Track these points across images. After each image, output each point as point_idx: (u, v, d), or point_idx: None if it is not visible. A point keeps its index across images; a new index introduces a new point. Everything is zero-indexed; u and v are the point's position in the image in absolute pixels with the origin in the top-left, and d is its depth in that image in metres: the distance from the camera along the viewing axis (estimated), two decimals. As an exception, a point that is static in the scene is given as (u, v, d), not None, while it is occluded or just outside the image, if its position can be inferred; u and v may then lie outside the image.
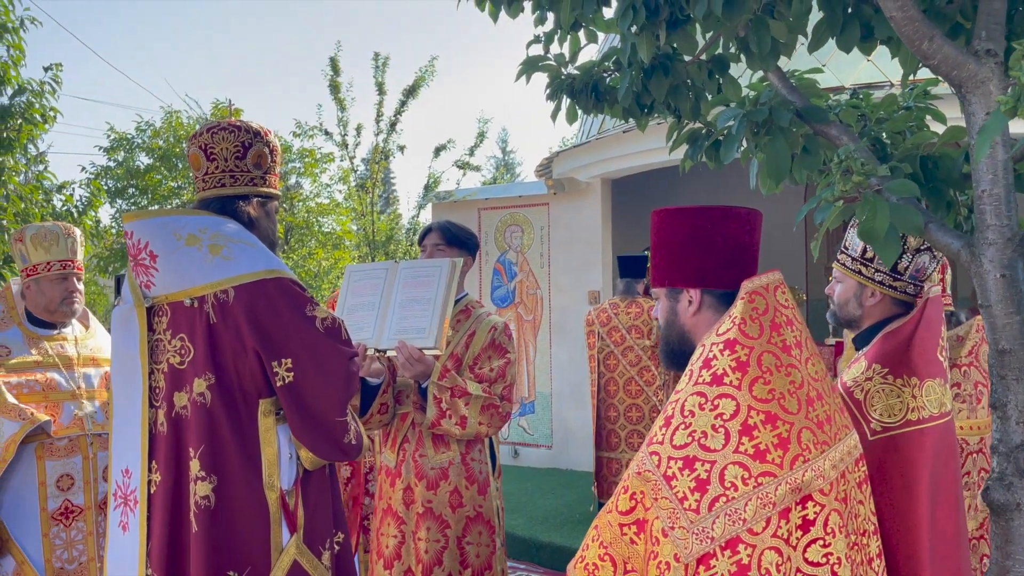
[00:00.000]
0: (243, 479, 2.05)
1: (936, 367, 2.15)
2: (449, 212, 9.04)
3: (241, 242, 2.12)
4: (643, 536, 1.46)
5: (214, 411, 2.05)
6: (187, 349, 2.09)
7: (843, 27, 2.06)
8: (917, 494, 1.98)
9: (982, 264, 1.71)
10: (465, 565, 2.92)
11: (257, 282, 2.06)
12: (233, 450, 2.05)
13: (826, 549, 1.41)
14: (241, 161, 2.21)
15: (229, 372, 2.06)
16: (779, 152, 2.00)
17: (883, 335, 2.22)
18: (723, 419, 1.44)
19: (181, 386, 2.09)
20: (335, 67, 12.31)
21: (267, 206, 2.28)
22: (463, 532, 2.93)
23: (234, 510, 2.04)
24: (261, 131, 2.27)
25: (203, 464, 2.03)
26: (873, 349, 2.22)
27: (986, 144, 1.32)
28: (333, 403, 2.10)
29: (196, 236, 2.09)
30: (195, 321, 2.08)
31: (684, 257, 1.67)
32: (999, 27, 1.80)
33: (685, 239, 1.67)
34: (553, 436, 8.43)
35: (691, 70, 2.45)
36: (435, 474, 2.94)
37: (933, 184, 2.27)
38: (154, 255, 2.11)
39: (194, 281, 2.08)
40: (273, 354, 2.04)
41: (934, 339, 2.14)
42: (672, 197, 9.61)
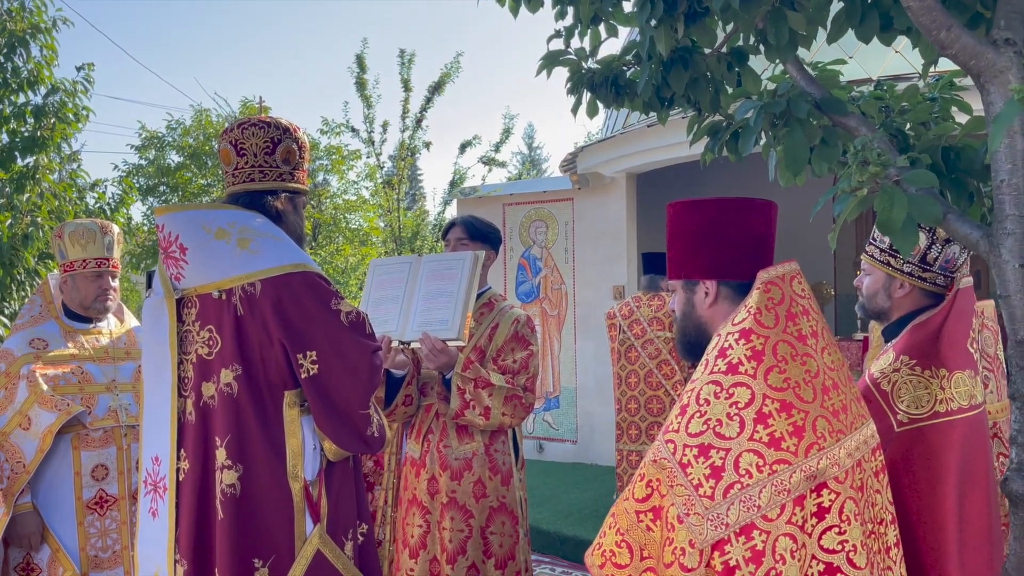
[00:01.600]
0: (268, 468, 2.09)
1: (966, 359, 2.13)
2: (474, 208, 9.08)
3: (268, 236, 2.16)
4: (659, 523, 1.47)
5: (240, 401, 2.10)
6: (215, 340, 2.14)
7: (862, 17, 2.05)
8: (944, 486, 1.97)
9: (1001, 255, 1.70)
10: (488, 555, 2.96)
11: (284, 275, 2.10)
12: (258, 440, 2.09)
13: (841, 536, 1.42)
14: (270, 157, 2.26)
15: (255, 363, 2.11)
16: (797, 144, 2.00)
17: (912, 326, 2.21)
18: (738, 407, 1.45)
19: (209, 376, 2.14)
20: (361, 64, 12.39)
21: (295, 201, 2.33)
22: (486, 522, 2.97)
23: (259, 499, 2.09)
24: (290, 128, 2.32)
25: (229, 453, 2.08)
26: (902, 340, 2.21)
27: (1000, 132, 1.32)
28: (356, 396, 2.13)
29: (225, 230, 2.14)
30: (223, 313, 2.13)
31: (700, 249, 1.68)
32: (1019, 16, 1.79)
33: (701, 231, 1.68)
34: (578, 431, 8.45)
35: (710, 63, 2.46)
36: (459, 464, 2.98)
37: (955, 175, 2.25)
38: (184, 248, 2.16)
39: (223, 274, 2.13)
40: (298, 346, 2.08)
41: (964, 331, 2.11)
42: (696, 191, 9.56)
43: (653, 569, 1.48)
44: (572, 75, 2.82)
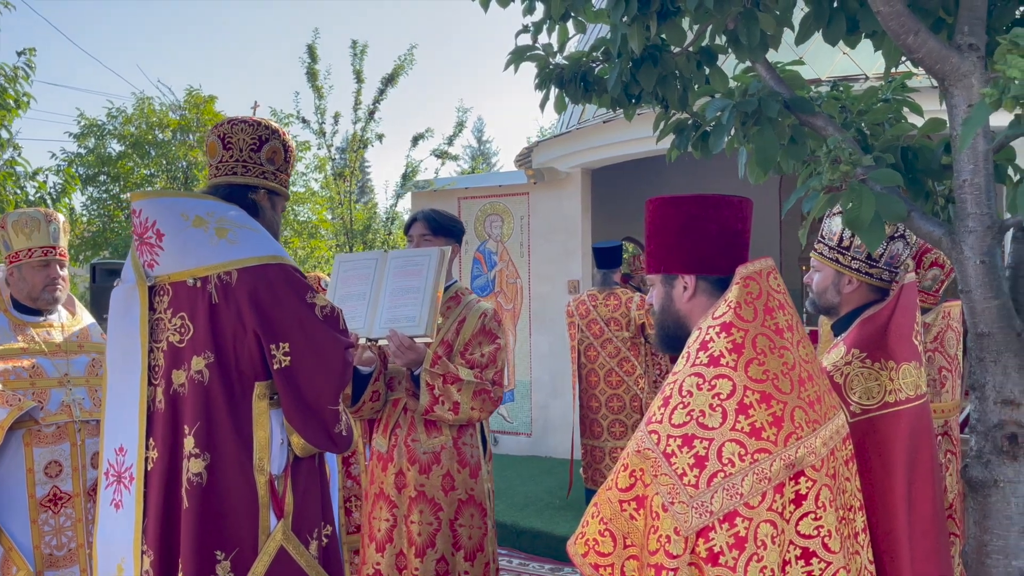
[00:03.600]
0: (235, 459, 2.08)
1: (912, 350, 2.23)
2: (428, 201, 9.05)
3: (246, 227, 2.17)
4: (642, 512, 1.51)
5: (211, 389, 2.09)
6: (187, 328, 2.12)
7: (829, 20, 2.12)
8: (895, 474, 2.06)
9: (963, 251, 1.78)
10: (458, 547, 2.97)
11: (260, 266, 2.10)
12: (227, 429, 2.08)
13: (817, 522, 1.48)
14: (256, 153, 2.29)
15: (228, 352, 2.10)
16: (768, 142, 2.05)
17: (861, 321, 2.30)
18: (720, 398, 1.49)
19: (180, 364, 2.13)
20: (313, 54, 12.23)
21: (273, 200, 2.35)
22: (455, 515, 2.98)
23: (225, 489, 2.07)
24: (280, 131, 2.36)
25: (197, 441, 2.06)
26: (851, 334, 2.30)
27: (970, 135, 1.38)
28: (327, 390, 2.13)
29: (203, 218, 2.14)
30: (197, 300, 2.11)
31: (679, 244, 1.71)
32: (980, 22, 1.87)
33: (681, 227, 1.71)
34: (533, 424, 8.50)
35: (679, 61, 2.50)
36: (427, 458, 2.99)
37: (912, 174, 2.34)
38: (161, 234, 2.15)
39: (199, 261, 2.12)
40: (272, 337, 2.08)
41: (910, 324, 2.22)
42: (650, 186, 9.69)
43: (636, 557, 1.51)
44: (540, 70, 2.83)
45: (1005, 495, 1.75)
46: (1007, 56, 1.28)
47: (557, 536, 5.60)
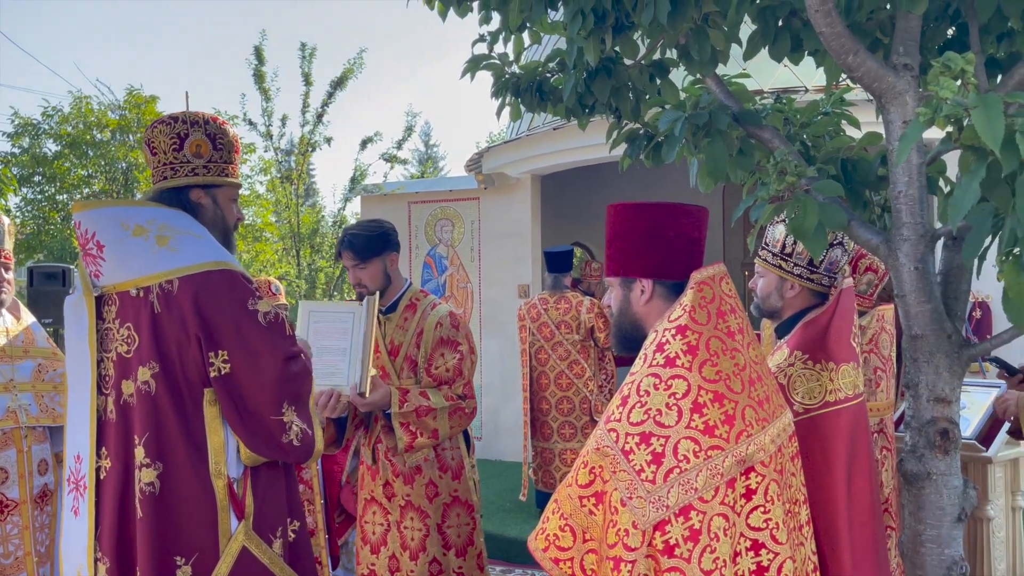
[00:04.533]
0: (188, 466, 2.08)
1: (850, 352, 2.36)
2: (379, 205, 9.03)
3: (189, 234, 2.15)
4: (601, 507, 1.57)
5: (158, 399, 2.08)
6: (133, 338, 2.11)
7: (775, 38, 2.22)
8: (835, 469, 2.17)
9: (898, 258, 1.89)
10: (448, 547, 3.08)
11: (202, 273, 2.09)
12: (178, 438, 2.07)
13: (766, 515, 1.56)
14: (179, 152, 2.24)
15: (173, 361, 2.08)
16: (718, 153, 2.15)
17: (802, 324, 2.42)
18: (676, 398, 1.56)
19: (128, 374, 2.11)
20: (260, 56, 12.09)
21: (214, 194, 2.29)
22: (442, 518, 3.08)
23: (179, 497, 2.07)
24: (200, 120, 2.27)
25: (148, 451, 2.06)
26: (794, 337, 2.41)
27: (905, 151, 1.48)
28: (267, 400, 2.11)
29: (144, 227, 2.12)
30: (140, 310, 2.10)
31: (639, 249, 1.78)
32: (914, 43, 1.99)
33: (641, 233, 1.79)
34: (483, 427, 8.54)
35: (632, 73, 2.59)
36: (410, 470, 3.08)
37: (852, 185, 2.47)
38: (101, 245, 2.13)
39: (140, 271, 2.11)
40: (211, 344, 2.07)
41: (848, 326, 2.34)
42: (600, 192, 9.84)
43: (595, 551, 1.57)
44: (497, 79, 2.90)
45: (938, 487, 1.86)
46: (939, 78, 1.39)
47: (508, 538, 5.65)
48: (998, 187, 1.43)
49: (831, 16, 1.86)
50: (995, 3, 2.03)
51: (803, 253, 2.48)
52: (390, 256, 3.15)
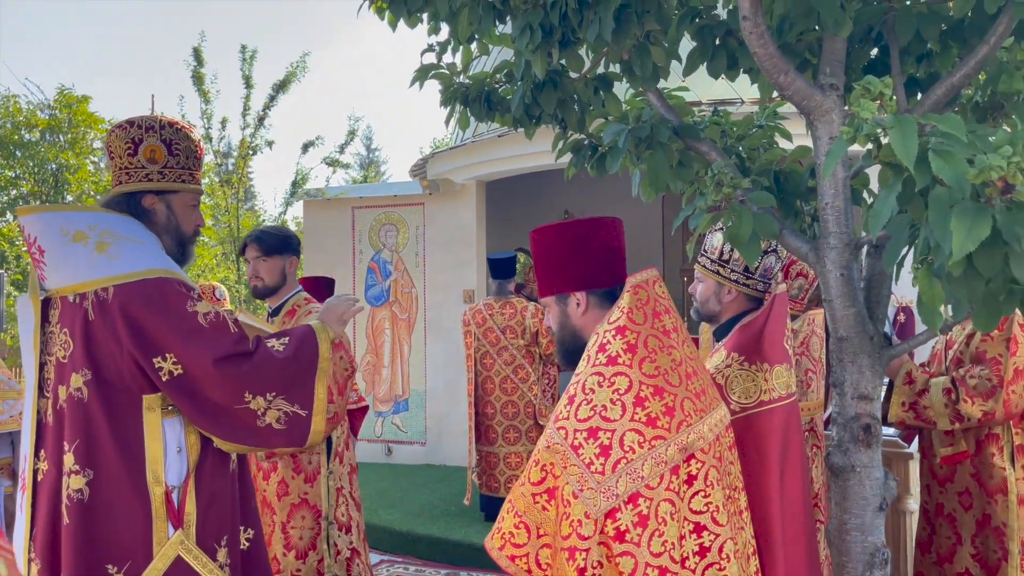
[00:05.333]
0: (121, 474, 2.06)
1: (783, 354, 2.50)
2: (322, 210, 8.98)
3: (130, 240, 2.15)
4: (553, 502, 1.65)
5: (90, 407, 2.07)
6: (69, 344, 2.12)
7: (712, 56, 2.34)
8: (769, 465, 2.30)
9: (825, 265, 2.02)
10: (289, 548, 3.23)
11: (138, 281, 2.09)
12: (110, 445, 2.06)
13: (707, 499, 1.67)
14: (133, 157, 2.24)
15: (107, 368, 2.08)
16: (659, 165, 2.25)
17: (739, 327, 2.55)
18: (619, 393, 1.66)
19: (64, 380, 2.12)
20: (199, 58, 11.88)
21: (168, 199, 2.28)
22: (287, 518, 3.23)
23: (110, 504, 2.06)
24: (156, 125, 2.26)
25: (77, 458, 2.05)
26: (731, 340, 2.54)
27: (831, 166, 1.60)
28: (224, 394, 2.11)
29: (84, 232, 2.12)
30: (76, 317, 2.10)
31: (566, 266, 1.88)
32: (840, 64, 2.13)
33: (565, 250, 1.88)
34: (427, 432, 8.56)
35: (578, 86, 2.68)
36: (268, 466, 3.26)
37: (784, 196, 2.61)
38: (42, 250, 2.14)
39: (78, 277, 2.11)
40: (153, 351, 2.06)
41: (781, 330, 2.49)
42: (544, 199, 9.97)
43: (549, 545, 1.65)
44: (445, 88, 2.96)
45: (861, 479, 2.00)
46: (860, 100, 1.51)
47: (452, 541, 5.70)
48: (913, 200, 1.55)
49: (764, 38, 1.98)
50: (914, 27, 2.18)
51: (739, 260, 2.61)
52: (290, 259, 3.35)
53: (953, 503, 2.97)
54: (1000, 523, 2.84)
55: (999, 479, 2.85)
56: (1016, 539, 2.78)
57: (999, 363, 2.78)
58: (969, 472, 2.94)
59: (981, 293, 1.53)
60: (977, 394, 2.79)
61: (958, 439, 2.93)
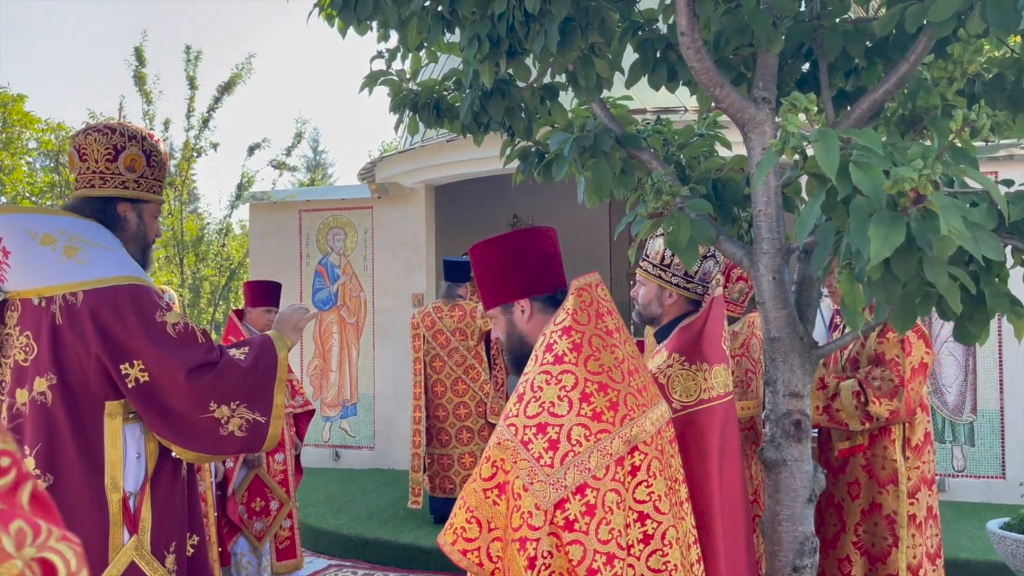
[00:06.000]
0: (81, 479, 2.07)
1: (722, 354, 2.62)
2: (268, 213, 8.90)
3: (100, 246, 2.16)
4: (504, 497, 1.72)
5: (54, 411, 2.07)
6: (31, 347, 2.10)
7: (653, 68, 2.44)
8: (709, 459, 2.41)
9: (759, 269, 2.13)
10: None
11: (109, 288, 2.10)
12: (72, 450, 2.07)
13: (649, 489, 1.76)
14: (112, 163, 2.25)
15: (73, 373, 2.08)
16: (602, 172, 2.34)
17: (679, 329, 2.66)
18: (566, 390, 1.74)
19: (23, 383, 2.10)
20: (140, 57, 11.66)
21: (140, 208, 2.32)
22: None
23: (69, 509, 2.04)
24: (139, 136, 2.31)
25: (38, 463, 2.05)
26: (672, 341, 2.65)
27: (762, 176, 1.70)
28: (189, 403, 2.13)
29: (53, 236, 2.11)
30: (41, 320, 2.09)
31: (507, 276, 1.96)
32: (772, 78, 2.25)
33: (504, 261, 1.96)
34: (376, 437, 8.54)
35: (525, 95, 2.75)
36: None
37: (722, 203, 2.72)
38: (7, 251, 2.12)
39: (44, 280, 2.10)
40: (122, 357, 2.08)
41: (719, 331, 2.60)
42: (493, 203, 10.05)
43: (500, 538, 1.72)
44: (395, 95, 3.01)
45: (792, 472, 2.11)
46: (787, 115, 1.61)
47: (402, 544, 5.72)
48: (837, 209, 1.66)
49: (700, 52, 2.08)
50: (841, 44, 2.31)
51: (679, 264, 2.72)
52: None
53: (842, 493, 3.13)
54: (891, 511, 3.01)
55: (891, 470, 3.02)
56: (907, 525, 2.95)
57: (898, 364, 2.94)
58: (860, 464, 3.11)
59: (898, 296, 1.64)
60: (883, 395, 2.95)
61: (855, 433, 3.09)
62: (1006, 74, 2.36)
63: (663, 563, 1.74)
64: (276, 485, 4.79)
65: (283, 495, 4.81)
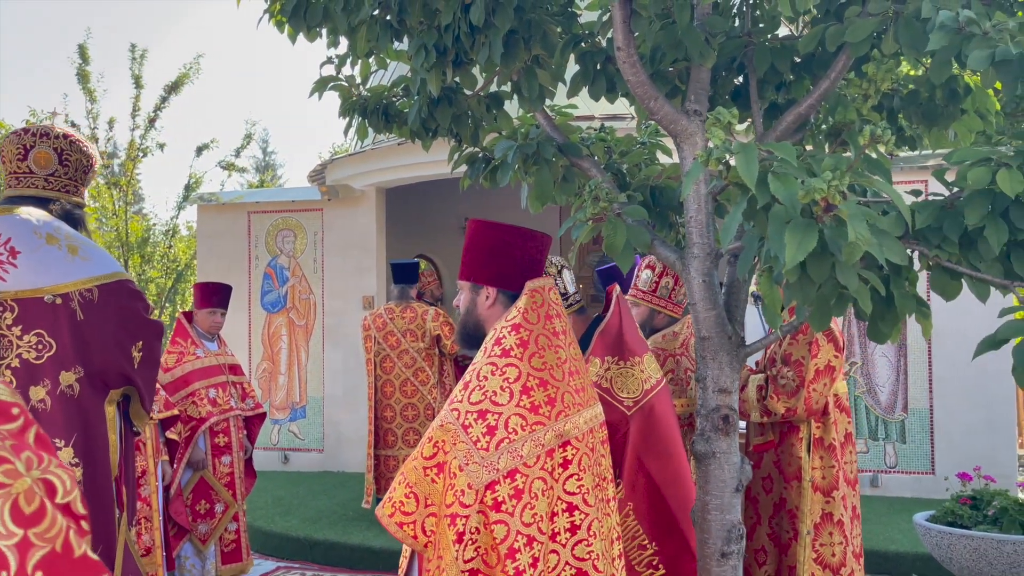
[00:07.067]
0: (104, 464, 2.22)
1: (643, 344, 2.82)
2: (216, 215, 8.82)
3: (89, 245, 2.29)
4: (442, 476, 1.83)
5: (83, 402, 2.19)
6: (47, 344, 2.17)
7: (593, 80, 2.55)
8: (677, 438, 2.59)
9: (690, 272, 2.25)
10: None
11: (116, 282, 2.27)
12: (100, 437, 2.22)
13: (579, 482, 1.87)
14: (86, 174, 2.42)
15: (98, 364, 2.21)
16: (544, 180, 2.44)
17: (599, 334, 2.82)
18: (509, 382, 1.86)
19: (38, 380, 2.16)
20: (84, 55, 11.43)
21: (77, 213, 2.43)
22: None
23: (94, 494, 2.18)
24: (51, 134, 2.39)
25: (76, 452, 2.14)
26: (596, 347, 2.81)
27: (689, 185, 1.82)
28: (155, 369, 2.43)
29: (54, 236, 2.22)
30: (58, 317, 2.17)
31: (490, 262, 2.07)
32: (704, 92, 2.37)
33: (491, 248, 2.08)
34: (325, 440, 8.53)
35: (472, 103, 2.85)
36: None
37: (660, 209, 2.85)
38: (15, 251, 2.19)
39: (57, 278, 2.18)
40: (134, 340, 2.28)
41: (633, 324, 2.80)
42: (443, 206, 10.10)
43: (435, 514, 1.83)
44: (344, 100, 3.07)
45: (721, 464, 2.23)
46: (711, 129, 1.72)
47: (351, 545, 5.74)
48: (758, 216, 1.78)
49: (636, 67, 2.20)
50: (769, 60, 2.45)
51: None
52: None
53: (757, 487, 3.30)
54: (794, 506, 3.18)
55: (796, 467, 3.20)
56: (807, 521, 3.12)
57: (802, 365, 3.11)
58: (772, 460, 3.29)
59: (814, 297, 1.77)
60: (783, 392, 3.12)
61: (767, 430, 3.27)
62: (920, 91, 2.53)
63: (587, 552, 1.86)
64: (222, 488, 4.78)
65: (228, 497, 4.80)
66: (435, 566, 1.78)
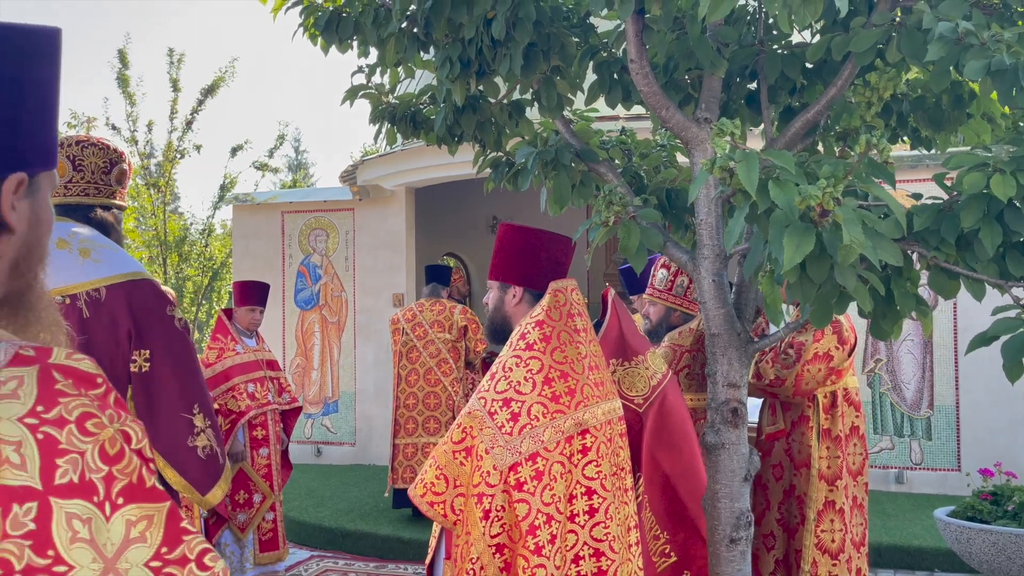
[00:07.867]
0: None
1: (645, 341, 2.95)
2: (251, 215, 9.06)
3: (106, 247, 2.37)
4: (470, 459, 2.00)
5: None
6: None
7: (610, 89, 2.67)
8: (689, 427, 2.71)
9: (700, 272, 2.37)
10: None
11: (130, 281, 2.32)
12: None
13: (597, 468, 2.03)
14: (107, 176, 2.50)
15: (103, 363, 2.24)
16: (562, 184, 2.57)
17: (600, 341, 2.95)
18: (532, 373, 2.03)
19: None
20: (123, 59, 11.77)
21: (118, 216, 2.57)
22: None
23: None
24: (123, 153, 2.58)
25: None
26: None
27: (695, 191, 1.93)
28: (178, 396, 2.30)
29: (65, 240, 2.32)
30: (68, 317, 2.27)
31: (519, 263, 2.25)
32: (716, 100, 2.48)
33: (520, 250, 2.26)
34: (356, 433, 8.74)
35: (495, 110, 2.98)
36: None
37: (674, 211, 2.96)
38: None
39: (67, 280, 2.28)
40: (138, 343, 2.29)
41: (632, 323, 2.92)
42: (471, 206, 10.25)
43: (463, 494, 2.00)
44: (374, 107, 3.22)
45: (730, 454, 2.34)
46: (715, 138, 1.84)
47: (381, 536, 5.92)
48: (760, 220, 1.89)
49: (648, 78, 2.32)
50: (779, 67, 2.55)
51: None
52: None
53: (768, 474, 3.42)
54: (802, 492, 3.32)
55: (805, 455, 3.32)
56: (814, 508, 3.26)
57: (803, 345, 3.24)
58: (783, 448, 3.41)
59: (815, 296, 1.88)
60: (779, 362, 3.26)
61: (778, 419, 3.38)
62: (927, 96, 2.62)
63: (604, 534, 2.02)
64: (260, 479, 4.97)
65: (266, 488, 4.99)
66: (464, 541, 1.94)
